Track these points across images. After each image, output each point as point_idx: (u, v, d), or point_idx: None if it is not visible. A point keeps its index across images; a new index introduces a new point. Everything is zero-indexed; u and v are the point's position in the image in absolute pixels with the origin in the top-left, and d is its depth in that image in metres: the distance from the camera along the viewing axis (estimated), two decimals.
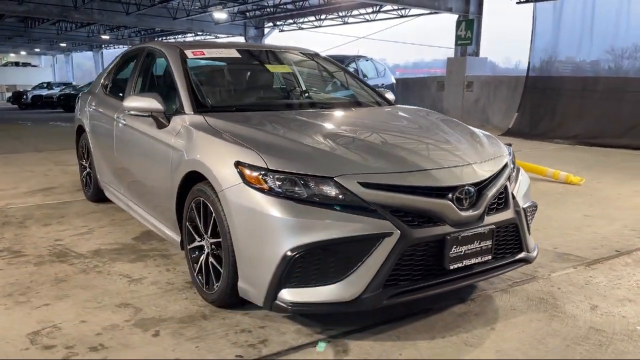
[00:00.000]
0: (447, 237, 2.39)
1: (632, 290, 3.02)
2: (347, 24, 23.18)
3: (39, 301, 2.84)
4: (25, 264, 3.41)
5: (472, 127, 3.28)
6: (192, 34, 27.49)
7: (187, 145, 2.93)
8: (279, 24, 25.76)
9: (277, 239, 2.28)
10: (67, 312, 2.70)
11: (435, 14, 17.14)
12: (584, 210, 4.89)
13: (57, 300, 2.85)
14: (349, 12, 21.82)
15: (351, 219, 2.27)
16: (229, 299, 2.65)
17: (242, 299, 2.57)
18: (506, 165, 2.81)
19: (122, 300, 2.86)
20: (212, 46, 4.09)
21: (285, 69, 4.17)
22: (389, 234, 2.27)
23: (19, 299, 2.86)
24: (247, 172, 2.42)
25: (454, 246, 2.41)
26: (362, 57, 14.00)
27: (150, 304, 2.81)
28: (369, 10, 20.75)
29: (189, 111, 3.14)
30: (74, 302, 2.82)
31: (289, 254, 2.25)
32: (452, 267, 2.43)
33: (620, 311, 2.75)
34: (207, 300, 2.79)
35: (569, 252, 3.66)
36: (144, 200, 3.69)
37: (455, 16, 14.64)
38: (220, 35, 26.45)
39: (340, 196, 2.32)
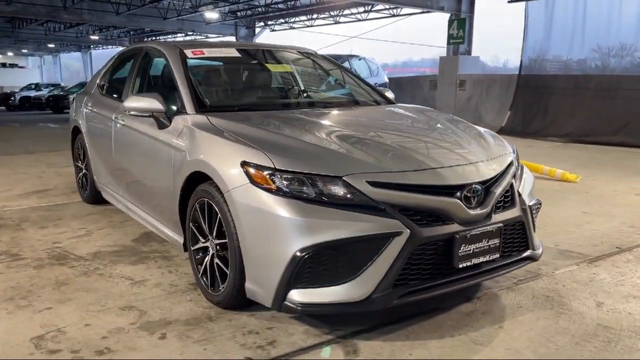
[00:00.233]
0: (456, 236, 2.38)
1: (636, 287, 3.03)
2: (338, 23, 23.18)
3: (41, 305, 2.79)
4: (24, 267, 3.35)
5: (476, 126, 3.28)
6: (183, 34, 27.35)
7: (190, 145, 2.90)
8: (270, 23, 25.70)
9: (285, 239, 2.26)
10: (71, 316, 2.66)
11: (427, 13, 17.19)
12: (582, 207, 4.92)
13: (60, 303, 2.81)
14: (341, 12, 21.82)
15: (360, 219, 2.25)
16: (235, 301, 2.62)
17: (249, 300, 2.55)
18: (511, 163, 2.81)
19: (126, 302, 2.82)
20: (212, 46, 4.06)
21: (286, 68, 4.15)
22: (399, 233, 2.26)
23: (21, 303, 2.81)
24: (254, 172, 2.40)
25: (463, 245, 2.40)
26: (354, 57, 14.02)
27: (154, 306, 2.77)
28: (361, 9, 20.76)
29: (191, 111, 3.11)
30: (77, 306, 2.78)
31: (299, 254, 2.23)
32: (461, 266, 2.42)
33: (625, 308, 2.76)
34: (213, 301, 2.76)
35: (571, 249, 3.68)
36: (144, 201, 3.65)
37: (446, 15, 14.69)
38: (211, 35, 26.32)
39: (348, 195, 2.30)
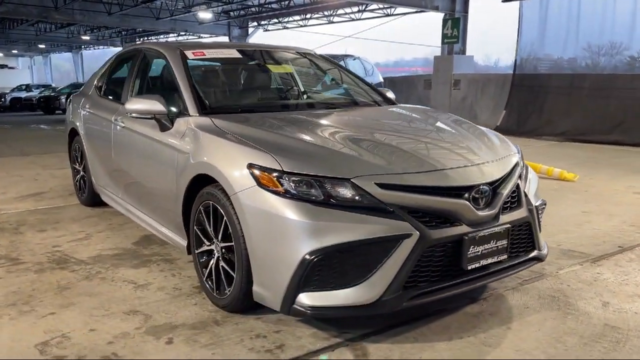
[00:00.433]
0: (465, 237, 2.37)
1: None
2: (332, 23, 23.18)
3: (44, 310, 2.75)
4: (25, 271, 3.31)
5: (481, 127, 3.28)
6: (175, 34, 27.26)
7: (194, 147, 2.87)
8: (263, 23, 25.66)
9: (294, 242, 2.24)
10: (75, 321, 2.63)
11: (421, 12, 17.23)
12: (581, 206, 4.93)
13: (63, 308, 2.77)
14: (335, 12, 21.82)
15: (369, 221, 2.24)
16: (242, 304, 2.59)
17: (255, 303, 2.52)
18: (517, 163, 2.82)
19: (130, 307, 2.79)
20: (212, 46, 4.03)
21: (287, 69, 4.13)
22: (408, 235, 2.25)
23: (23, 309, 2.77)
24: (262, 174, 2.37)
25: (472, 246, 2.39)
26: (350, 56, 14.02)
27: (159, 310, 2.74)
28: (355, 9, 20.77)
29: (193, 113, 3.08)
30: (80, 310, 2.75)
31: (308, 257, 2.21)
32: (469, 267, 2.42)
33: (631, 307, 2.76)
34: (218, 305, 2.73)
35: (573, 249, 3.68)
36: (145, 203, 3.62)
37: (440, 15, 14.72)
38: (203, 35, 26.25)
39: (357, 198, 2.29)
